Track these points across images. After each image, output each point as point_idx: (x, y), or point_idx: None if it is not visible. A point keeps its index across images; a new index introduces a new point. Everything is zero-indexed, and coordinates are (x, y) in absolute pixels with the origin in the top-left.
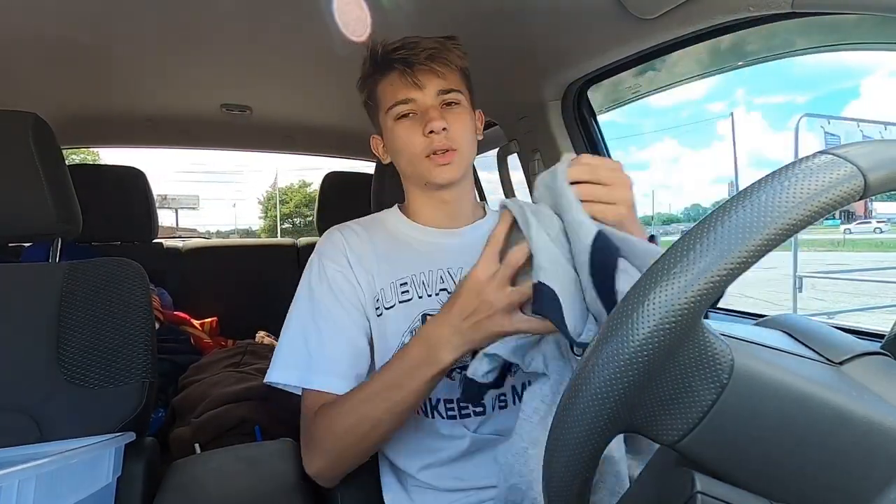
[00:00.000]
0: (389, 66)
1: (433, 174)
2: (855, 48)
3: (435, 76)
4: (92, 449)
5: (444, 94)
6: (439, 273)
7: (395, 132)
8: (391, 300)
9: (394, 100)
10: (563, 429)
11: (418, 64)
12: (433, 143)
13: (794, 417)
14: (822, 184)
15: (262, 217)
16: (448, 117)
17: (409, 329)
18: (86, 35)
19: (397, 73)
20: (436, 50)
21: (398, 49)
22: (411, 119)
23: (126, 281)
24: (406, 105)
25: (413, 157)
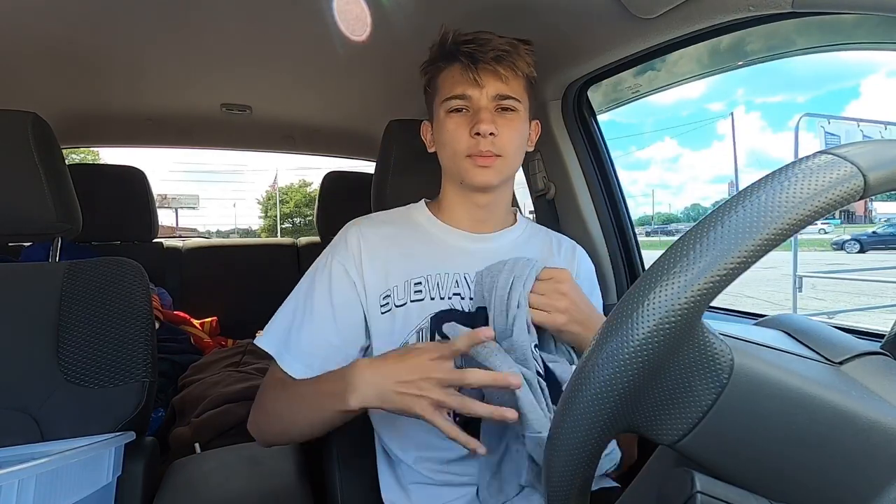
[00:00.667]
0: (454, 58)
1: (470, 175)
2: (855, 48)
3: (497, 79)
4: (92, 448)
5: (501, 100)
6: (455, 277)
7: (444, 125)
8: (403, 298)
9: (451, 92)
10: (563, 428)
11: (483, 62)
12: (478, 144)
13: (793, 417)
14: (822, 184)
15: (262, 217)
16: (499, 122)
17: (416, 329)
18: (86, 35)
19: (460, 67)
20: (505, 52)
21: (468, 42)
22: (462, 115)
23: (126, 280)
24: (461, 100)
25: (455, 154)
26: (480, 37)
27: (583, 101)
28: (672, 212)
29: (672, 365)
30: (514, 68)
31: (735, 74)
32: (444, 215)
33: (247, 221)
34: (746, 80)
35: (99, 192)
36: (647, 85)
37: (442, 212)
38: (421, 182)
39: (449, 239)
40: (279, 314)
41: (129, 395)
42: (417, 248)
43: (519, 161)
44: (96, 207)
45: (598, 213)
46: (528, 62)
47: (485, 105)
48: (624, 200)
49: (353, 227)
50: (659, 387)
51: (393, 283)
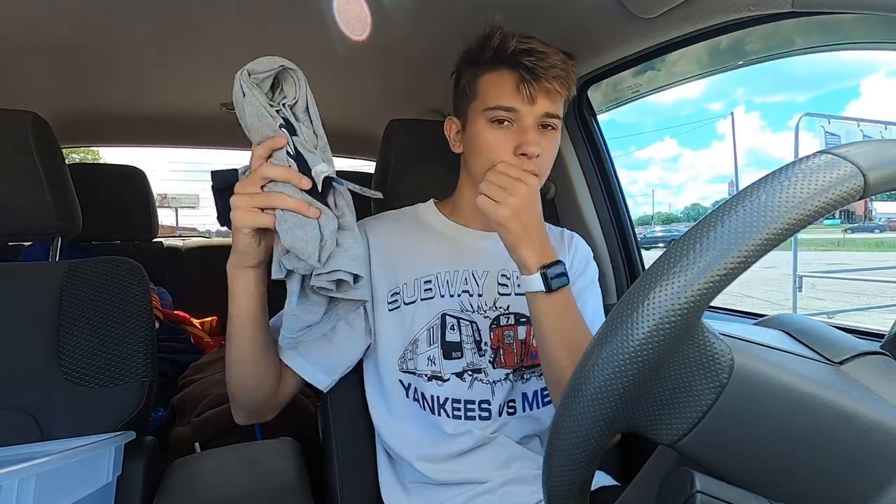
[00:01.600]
0: (510, 66)
1: None
2: (855, 48)
3: (549, 97)
4: (92, 448)
5: (547, 118)
6: (464, 274)
7: (483, 135)
8: (413, 296)
9: (497, 102)
10: (563, 428)
11: (543, 79)
12: (521, 164)
13: (793, 417)
14: (822, 183)
15: None
16: (542, 141)
17: (428, 326)
18: (86, 34)
19: (516, 78)
20: (561, 70)
21: (527, 53)
22: (506, 129)
23: (126, 280)
24: (508, 113)
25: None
26: (537, 49)
27: (583, 101)
28: (672, 211)
29: (672, 365)
30: (565, 85)
31: (735, 74)
32: (455, 214)
33: None
34: (746, 80)
35: (99, 192)
36: (647, 85)
37: (454, 211)
38: (421, 182)
39: (458, 236)
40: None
41: (129, 394)
42: (426, 245)
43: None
44: (96, 207)
45: (598, 212)
46: (574, 80)
47: (531, 124)
48: (624, 200)
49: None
50: (659, 386)
51: (402, 280)
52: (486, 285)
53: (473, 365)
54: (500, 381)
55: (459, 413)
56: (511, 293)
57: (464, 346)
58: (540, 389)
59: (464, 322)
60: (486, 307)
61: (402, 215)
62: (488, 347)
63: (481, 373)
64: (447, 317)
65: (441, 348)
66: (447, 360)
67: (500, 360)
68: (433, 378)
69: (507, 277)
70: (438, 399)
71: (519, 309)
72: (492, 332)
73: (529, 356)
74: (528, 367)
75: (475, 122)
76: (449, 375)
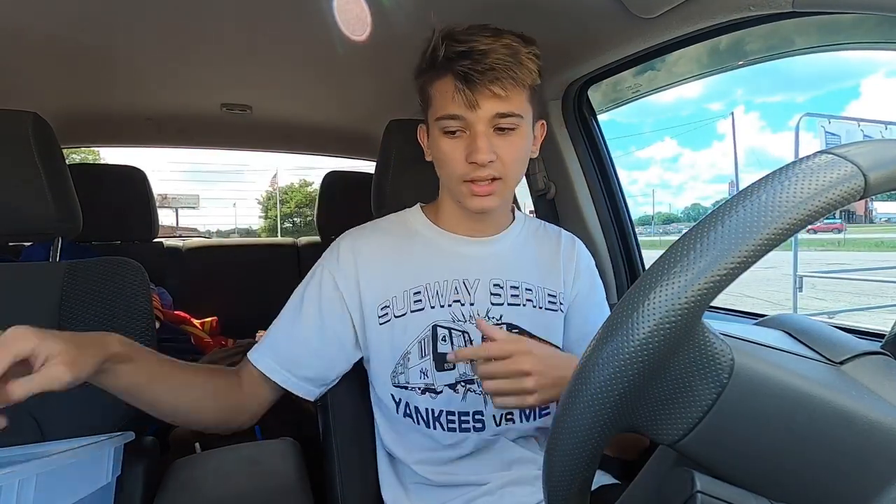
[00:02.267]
0: (446, 71)
1: (468, 202)
2: (854, 48)
3: (495, 98)
4: (92, 448)
5: (500, 118)
6: (454, 284)
7: (440, 145)
8: (402, 308)
9: (443, 111)
10: (563, 427)
11: (479, 84)
12: (474, 171)
13: (794, 417)
14: (823, 183)
15: (263, 217)
16: (499, 143)
17: (419, 339)
18: (86, 34)
19: (452, 85)
20: (504, 67)
21: (463, 56)
22: (458, 138)
23: (126, 280)
24: (455, 121)
25: (451, 177)
26: (477, 47)
27: (583, 101)
28: (672, 211)
29: (672, 365)
30: (514, 82)
31: (734, 74)
32: (441, 221)
33: (247, 221)
34: (746, 79)
35: (99, 192)
36: (647, 85)
37: (439, 217)
38: (421, 182)
39: (446, 244)
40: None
41: None
42: (415, 256)
43: (520, 175)
44: (97, 207)
45: (598, 212)
46: (532, 69)
47: (481, 130)
48: (624, 200)
49: (347, 240)
50: (659, 386)
51: (392, 293)
52: (478, 294)
53: (466, 376)
54: None
55: (454, 426)
56: (504, 303)
57: None
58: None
59: (455, 332)
60: (479, 317)
61: (388, 224)
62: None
63: (474, 383)
64: (438, 328)
65: (433, 360)
66: (440, 372)
67: None
68: (426, 391)
69: (499, 287)
70: (433, 412)
71: (512, 319)
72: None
73: None
74: None
75: (434, 132)
76: (442, 387)
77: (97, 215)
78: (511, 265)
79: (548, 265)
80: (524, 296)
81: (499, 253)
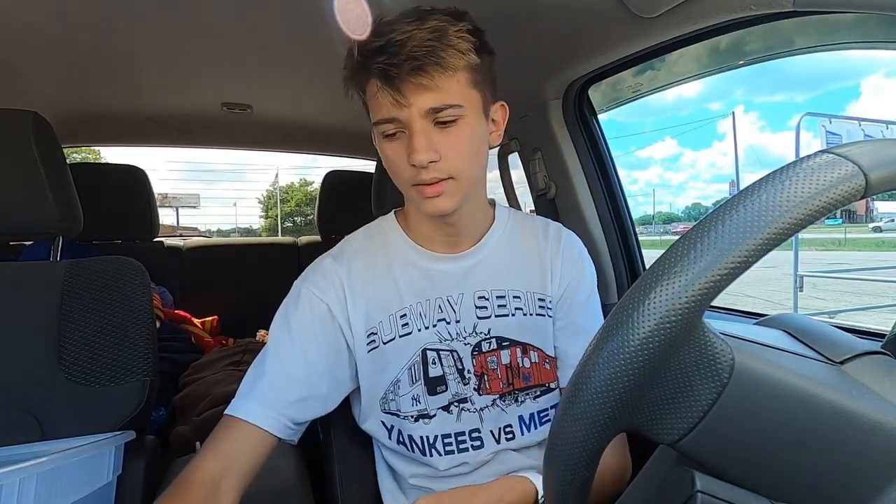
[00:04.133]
0: (367, 72)
1: (423, 206)
2: (853, 48)
3: (424, 90)
4: (92, 447)
5: (435, 112)
6: (438, 302)
7: (383, 150)
8: (390, 333)
9: (377, 116)
10: (563, 427)
11: (399, 79)
12: (419, 174)
13: (794, 416)
14: (823, 183)
15: (263, 216)
16: (439, 140)
17: (409, 365)
18: (87, 34)
19: (376, 86)
20: (424, 56)
21: (380, 51)
22: (398, 140)
23: (127, 279)
24: (391, 124)
25: (401, 183)
26: (394, 38)
27: (584, 101)
28: (673, 211)
29: (673, 364)
30: (442, 68)
31: (734, 74)
32: (415, 234)
33: (248, 221)
34: (746, 80)
35: (100, 192)
36: (647, 85)
37: (410, 227)
38: None
39: (423, 263)
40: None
41: (130, 393)
42: (396, 277)
43: (477, 169)
44: (97, 207)
45: (598, 212)
46: (464, 48)
47: (418, 128)
48: (625, 200)
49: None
50: (659, 386)
51: (378, 318)
52: (462, 310)
53: (458, 395)
54: (486, 407)
55: (452, 448)
56: (491, 315)
57: (447, 379)
58: (537, 412)
59: (444, 353)
60: (466, 333)
61: (368, 241)
62: (472, 375)
63: (467, 402)
64: (428, 351)
65: (425, 385)
66: (432, 396)
67: (485, 387)
68: (420, 418)
69: (485, 299)
70: (428, 439)
71: (501, 332)
72: (474, 358)
73: (521, 378)
74: (520, 390)
75: (376, 138)
76: (435, 411)
77: (98, 215)
78: (495, 274)
79: (534, 267)
80: (511, 304)
81: (481, 263)
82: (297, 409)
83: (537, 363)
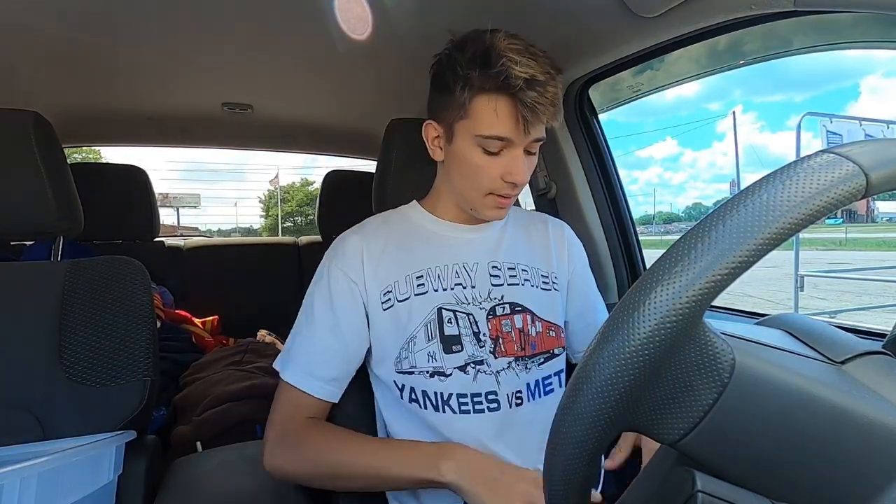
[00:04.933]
0: (509, 94)
1: (488, 213)
2: (852, 47)
3: (542, 125)
4: (93, 447)
5: (535, 143)
6: (455, 267)
7: (470, 158)
8: (406, 293)
9: (492, 131)
10: (563, 427)
11: (541, 116)
12: (505, 188)
13: (795, 416)
14: (824, 183)
15: (264, 216)
16: (527, 163)
17: (424, 322)
18: (87, 34)
19: (515, 112)
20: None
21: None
22: (498, 155)
23: (127, 279)
24: (500, 142)
25: (476, 189)
26: (537, 77)
27: (584, 100)
28: (673, 211)
29: (673, 364)
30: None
31: (733, 75)
32: (435, 212)
33: (248, 220)
34: (745, 80)
35: (100, 192)
36: (648, 84)
37: (434, 209)
38: (422, 181)
39: (444, 231)
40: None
41: (131, 393)
42: (414, 243)
43: None
44: (98, 206)
45: (599, 211)
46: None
47: (520, 153)
48: (625, 199)
49: (350, 235)
50: (660, 386)
51: (394, 278)
52: (478, 277)
53: (475, 357)
54: (503, 370)
55: (467, 407)
56: (503, 283)
57: (463, 339)
58: (542, 378)
59: (460, 314)
60: (481, 298)
61: (387, 216)
62: (487, 338)
63: (483, 364)
64: (443, 310)
65: (441, 342)
66: (448, 355)
67: (500, 350)
68: (435, 374)
69: (497, 268)
70: (442, 395)
71: (513, 298)
72: (489, 322)
73: (530, 345)
74: (529, 357)
75: (464, 143)
76: (451, 370)
77: (98, 214)
78: (505, 248)
79: (538, 247)
80: (521, 276)
81: (493, 237)
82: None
83: (542, 332)
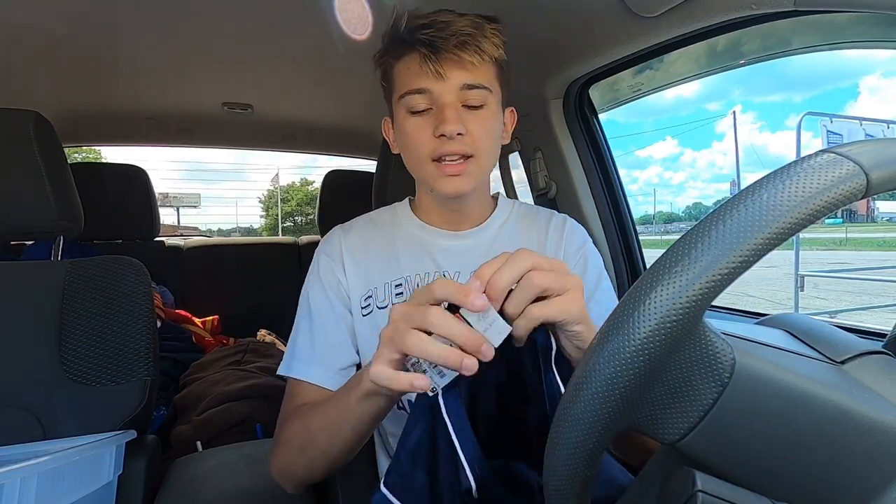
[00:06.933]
0: (411, 46)
1: (438, 184)
2: (852, 47)
3: (462, 68)
4: (93, 447)
5: (468, 90)
6: (436, 275)
7: (405, 126)
8: (385, 300)
9: (408, 87)
10: (564, 427)
11: (445, 50)
12: (443, 146)
13: (795, 416)
14: (824, 182)
15: (264, 215)
16: (467, 119)
17: None
18: (88, 34)
19: (418, 57)
20: (470, 36)
21: (425, 27)
22: (425, 116)
23: (128, 279)
24: (421, 96)
25: (420, 160)
26: (438, 19)
27: (584, 100)
28: (673, 210)
29: (673, 364)
30: (480, 53)
31: (732, 75)
32: (422, 214)
33: (248, 220)
34: (744, 80)
35: (101, 191)
36: (648, 84)
37: (419, 211)
38: None
39: (426, 237)
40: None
41: (131, 393)
42: (397, 249)
43: (494, 159)
44: (98, 206)
45: (599, 211)
46: (497, 43)
47: (450, 101)
48: (625, 199)
49: (337, 230)
50: (660, 386)
51: (374, 283)
52: None
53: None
54: None
55: None
56: None
57: None
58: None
59: None
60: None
61: (377, 216)
62: None
63: None
64: None
65: None
66: None
67: None
68: None
69: None
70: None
71: None
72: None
73: None
74: None
75: (398, 115)
76: None
77: (99, 214)
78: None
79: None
80: None
81: (479, 246)
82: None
83: None
